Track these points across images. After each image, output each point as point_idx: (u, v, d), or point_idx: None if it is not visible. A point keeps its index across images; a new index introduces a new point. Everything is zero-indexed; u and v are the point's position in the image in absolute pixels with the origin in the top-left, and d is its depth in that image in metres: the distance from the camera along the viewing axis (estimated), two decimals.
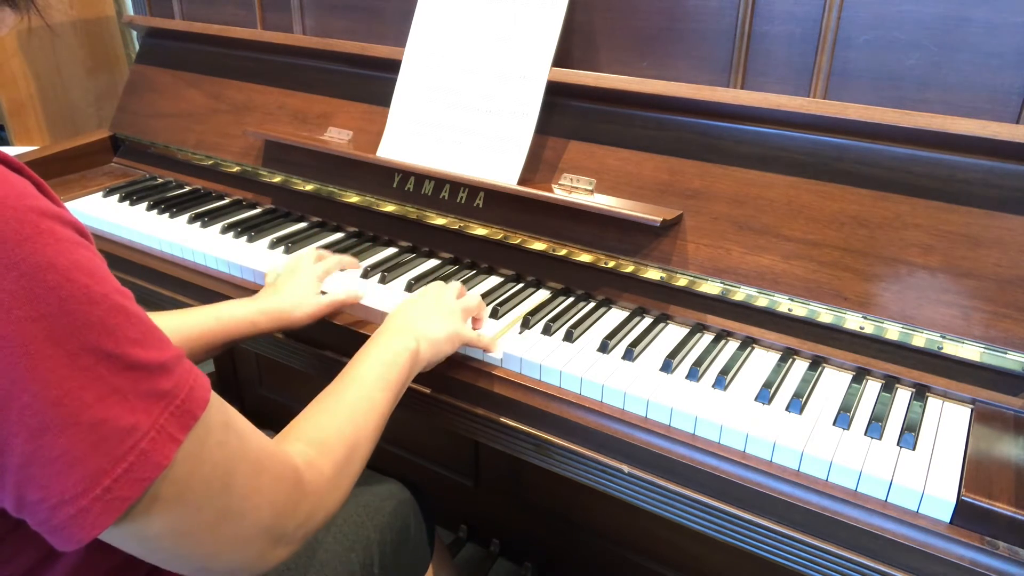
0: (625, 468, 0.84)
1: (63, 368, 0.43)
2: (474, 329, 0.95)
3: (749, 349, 0.94)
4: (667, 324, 1.00)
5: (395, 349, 0.79)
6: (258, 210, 1.35)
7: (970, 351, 0.84)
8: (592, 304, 1.04)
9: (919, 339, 0.86)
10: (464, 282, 1.08)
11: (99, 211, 1.34)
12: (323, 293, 1.01)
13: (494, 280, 1.12)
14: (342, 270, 1.10)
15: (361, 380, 0.74)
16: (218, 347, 0.92)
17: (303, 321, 0.96)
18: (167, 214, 1.32)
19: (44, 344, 0.42)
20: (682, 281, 1.00)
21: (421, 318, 0.86)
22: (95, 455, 0.44)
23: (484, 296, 1.04)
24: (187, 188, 1.46)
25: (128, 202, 1.38)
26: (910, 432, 0.77)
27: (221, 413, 0.52)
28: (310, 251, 1.09)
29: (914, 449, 0.76)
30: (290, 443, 0.63)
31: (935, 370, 0.86)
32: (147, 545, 0.50)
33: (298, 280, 1.00)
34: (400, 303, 0.91)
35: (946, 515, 0.70)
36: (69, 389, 0.43)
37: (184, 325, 0.88)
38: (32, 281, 0.42)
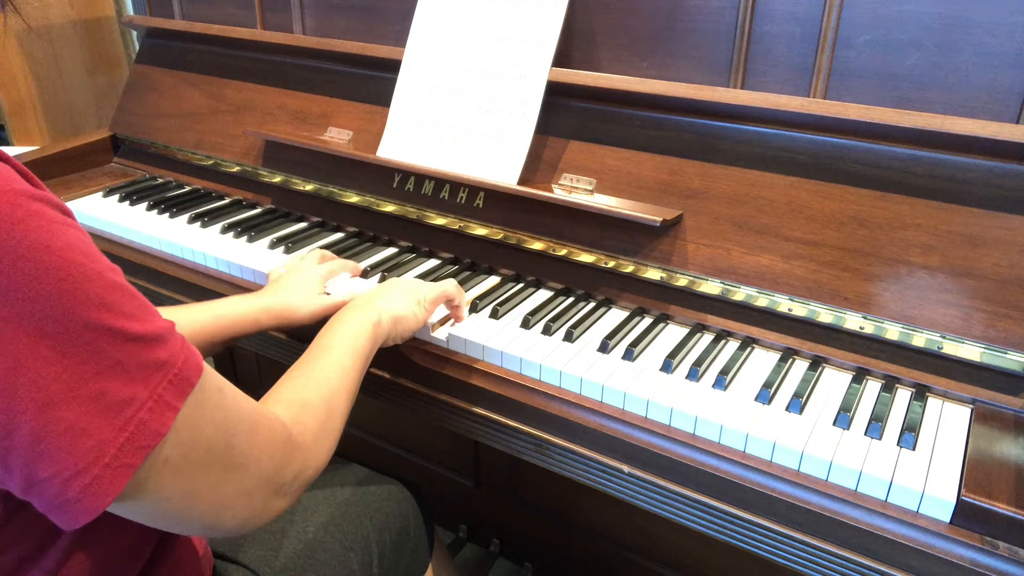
0: (625, 468, 0.84)
1: (65, 345, 0.44)
2: (457, 321, 0.99)
3: (749, 349, 0.94)
4: (667, 324, 1.00)
5: (359, 322, 0.84)
6: (258, 210, 1.35)
7: (970, 351, 0.84)
8: (592, 304, 1.04)
9: (919, 339, 0.86)
10: (464, 282, 1.08)
11: (99, 211, 1.34)
12: (327, 294, 1.01)
13: (494, 280, 1.12)
14: (352, 275, 1.10)
15: (331, 349, 0.79)
16: (217, 345, 0.91)
17: (307, 320, 0.96)
18: (167, 214, 1.32)
19: (45, 323, 0.44)
20: (682, 281, 1.00)
21: (383, 295, 0.91)
22: (99, 425, 0.46)
23: (484, 296, 1.04)
24: (187, 188, 1.46)
25: (128, 202, 1.38)
26: (910, 432, 0.77)
27: (215, 379, 0.55)
28: (314, 252, 1.09)
29: (914, 449, 0.76)
30: (274, 404, 0.68)
31: (935, 370, 0.86)
32: (160, 508, 0.52)
33: (302, 278, 1.00)
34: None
35: (946, 515, 0.70)
36: (70, 364, 0.45)
37: (179, 323, 0.88)
38: (30, 263, 0.43)
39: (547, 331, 0.96)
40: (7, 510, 0.52)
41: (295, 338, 1.06)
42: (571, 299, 1.05)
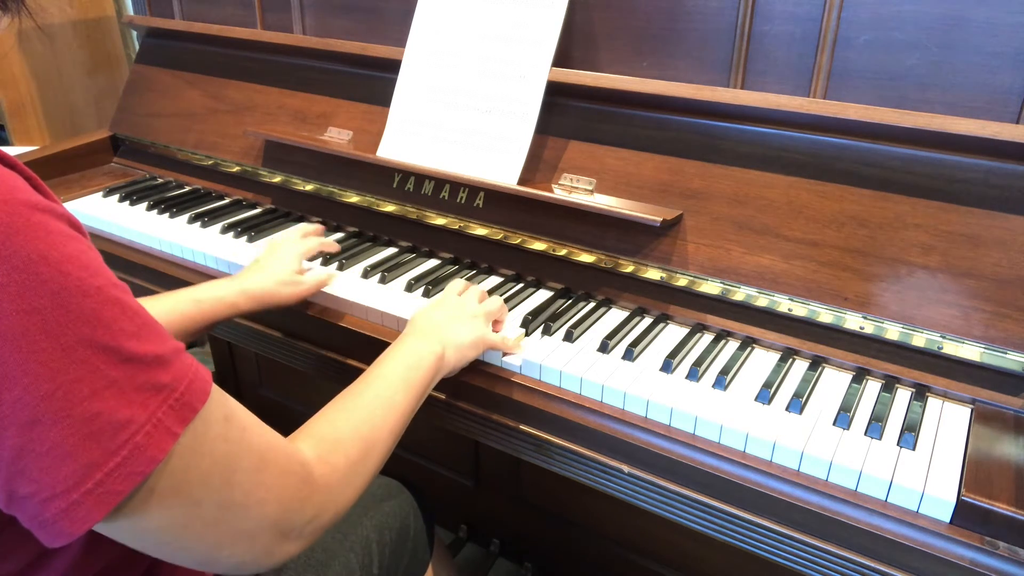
0: (625, 468, 0.84)
1: (57, 361, 0.43)
2: (495, 331, 0.95)
3: (749, 349, 0.94)
4: (667, 324, 1.00)
5: (420, 352, 0.80)
6: (258, 210, 1.35)
7: (970, 351, 0.84)
8: (592, 304, 1.04)
9: (919, 339, 0.86)
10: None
11: (99, 211, 1.34)
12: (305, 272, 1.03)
13: (494, 280, 1.12)
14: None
15: (382, 380, 0.74)
16: (197, 330, 0.91)
17: (287, 301, 0.97)
18: (167, 214, 1.32)
19: (37, 337, 0.42)
20: (682, 281, 1.00)
21: (447, 323, 0.87)
22: (88, 448, 0.44)
23: None
24: (187, 188, 1.46)
25: (128, 202, 1.38)
26: (910, 432, 0.77)
27: (223, 407, 0.52)
28: (296, 228, 1.11)
29: (914, 449, 0.76)
30: (303, 439, 0.63)
31: (935, 370, 0.86)
32: (147, 538, 0.50)
33: (280, 257, 1.01)
34: (423, 307, 0.91)
35: (946, 515, 0.70)
36: (62, 383, 0.43)
37: (159, 310, 0.87)
38: (24, 274, 0.42)
39: (547, 331, 0.96)
40: (0, 521, 0.51)
41: (297, 338, 1.06)
42: (571, 299, 1.05)
